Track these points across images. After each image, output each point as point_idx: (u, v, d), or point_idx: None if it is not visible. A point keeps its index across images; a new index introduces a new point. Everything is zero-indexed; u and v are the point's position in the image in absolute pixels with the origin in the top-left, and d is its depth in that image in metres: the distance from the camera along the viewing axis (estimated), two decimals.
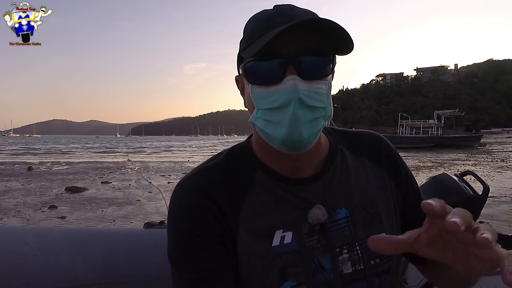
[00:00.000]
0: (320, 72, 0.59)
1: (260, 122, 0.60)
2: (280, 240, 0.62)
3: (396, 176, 0.73)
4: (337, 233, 0.64)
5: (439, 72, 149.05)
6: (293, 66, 0.57)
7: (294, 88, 0.55)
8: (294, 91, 0.55)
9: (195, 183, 0.65)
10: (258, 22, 0.61)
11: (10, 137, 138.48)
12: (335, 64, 0.61)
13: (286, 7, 0.60)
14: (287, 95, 0.56)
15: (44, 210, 6.35)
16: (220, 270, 0.61)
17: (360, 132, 0.78)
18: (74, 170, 13.23)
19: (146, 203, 6.95)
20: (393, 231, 0.69)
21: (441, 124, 38.31)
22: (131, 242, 1.17)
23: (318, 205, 0.64)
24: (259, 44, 0.56)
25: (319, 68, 0.59)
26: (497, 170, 12.19)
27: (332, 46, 0.59)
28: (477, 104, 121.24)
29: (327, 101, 0.59)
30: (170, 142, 71.92)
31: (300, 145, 0.59)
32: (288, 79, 0.56)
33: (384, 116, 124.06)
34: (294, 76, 0.56)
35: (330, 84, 0.61)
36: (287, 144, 0.58)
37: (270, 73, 0.58)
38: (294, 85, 0.55)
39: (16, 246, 1.06)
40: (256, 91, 0.60)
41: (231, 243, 0.63)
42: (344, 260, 0.63)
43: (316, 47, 0.58)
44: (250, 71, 0.60)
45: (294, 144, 0.58)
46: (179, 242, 0.63)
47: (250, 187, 0.65)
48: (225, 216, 0.63)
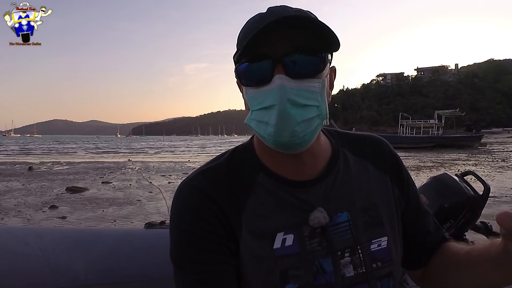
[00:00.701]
0: (310, 70, 0.58)
1: (254, 123, 0.60)
2: (282, 243, 0.62)
3: (399, 181, 0.73)
4: (338, 237, 0.64)
5: (439, 72, 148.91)
6: (281, 66, 0.57)
7: (282, 87, 0.55)
8: (281, 90, 0.55)
9: (198, 183, 0.65)
10: (251, 24, 0.61)
11: (11, 137, 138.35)
12: (327, 62, 0.61)
13: (277, 8, 0.60)
14: (275, 95, 0.56)
15: (45, 210, 6.35)
16: (222, 271, 0.61)
17: (363, 135, 0.78)
18: (74, 170, 13.23)
19: (146, 203, 6.95)
20: (395, 236, 0.69)
21: (441, 124, 38.24)
22: (132, 242, 1.17)
23: (320, 208, 0.63)
24: (244, 43, 0.56)
25: (308, 66, 0.58)
26: (497, 170, 12.17)
27: (322, 43, 0.58)
28: (477, 104, 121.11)
29: (321, 99, 0.59)
30: (172, 142, 71.88)
31: (295, 145, 0.58)
32: (276, 79, 0.56)
33: (384, 116, 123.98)
34: (281, 75, 0.56)
35: (324, 82, 0.60)
36: (280, 144, 0.58)
37: (260, 74, 0.58)
38: (281, 84, 0.55)
39: (17, 246, 1.06)
40: (249, 92, 0.61)
41: (233, 244, 0.63)
42: (346, 263, 0.63)
43: (304, 45, 0.58)
44: (242, 73, 0.61)
45: (288, 143, 0.58)
46: (181, 242, 0.63)
47: (252, 189, 0.65)
48: (227, 217, 0.63)
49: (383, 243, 0.66)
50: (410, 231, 0.73)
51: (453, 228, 1.18)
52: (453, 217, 1.17)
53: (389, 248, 0.66)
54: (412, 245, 0.73)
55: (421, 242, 0.74)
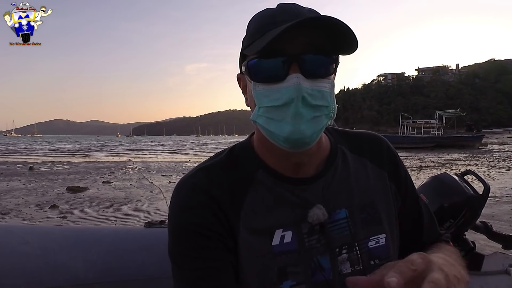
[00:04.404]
0: (324, 70, 0.59)
1: (262, 119, 0.60)
2: (280, 240, 0.62)
3: (397, 178, 0.73)
4: (336, 233, 0.64)
5: (440, 72, 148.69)
6: (296, 64, 0.56)
7: (298, 86, 0.55)
8: (298, 89, 0.55)
9: (197, 181, 0.65)
10: (262, 19, 0.61)
11: (12, 137, 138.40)
12: (338, 63, 0.61)
13: (290, 5, 0.60)
14: (291, 93, 0.55)
15: (46, 209, 6.36)
16: (221, 268, 0.61)
17: (361, 132, 0.78)
18: (75, 170, 13.25)
19: (147, 202, 6.96)
20: (393, 233, 0.69)
21: (442, 124, 38.22)
22: (132, 241, 1.17)
23: (318, 205, 0.63)
24: (263, 41, 0.55)
25: (322, 66, 0.58)
26: (498, 170, 12.16)
27: (336, 45, 0.58)
28: (478, 104, 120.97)
29: (330, 100, 0.59)
30: (175, 142, 71.84)
31: (303, 143, 0.58)
32: (292, 77, 0.56)
33: (385, 116, 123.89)
34: (298, 74, 0.56)
35: (333, 83, 0.61)
36: (290, 141, 0.58)
37: (274, 71, 0.58)
38: (298, 83, 0.55)
39: (17, 245, 1.06)
40: (258, 88, 0.60)
41: (231, 241, 0.63)
42: (344, 260, 0.63)
43: (320, 45, 0.58)
44: (253, 68, 0.60)
45: (297, 141, 0.58)
46: (179, 239, 0.63)
47: (251, 186, 0.65)
48: (226, 214, 0.63)
49: (381, 240, 0.66)
50: (405, 228, 0.73)
51: (453, 227, 1.18)
52: (453, 216, 1.17)
53: (387, 245, 0.67)
54: (406, 242, 0.73)
55: (415, 241, 0.74)
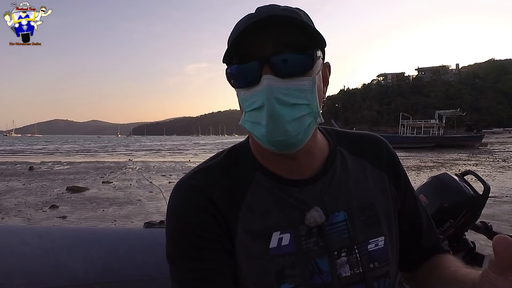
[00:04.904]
0: (299, 68, 0.58)
1: (248, 124, 0.60)
2: (278, 242, 0.62)
3: (396, 180, 0.73)
4: (335, 236, 0.63)
5: (440, 72, 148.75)
6: (268, 66, 0.56)
7: (269, 87, 0.55)
8: (269, 90, 0.55)
9: (194, 182, 0.65)
10: (238, 25, 0.60)
11: (12, 137, 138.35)
12: (317, 59, 0.60)
13: (265, 7, 0.59)
14: (263, 95, 0.56)
15: (45, 209, 6.35)
16: (218, 269, 0.60)
17: (360, 134, 0.77)
18: (75, 170, 13.24)
19: (147, 202, 6.95)
20: (392, 235, 0.68)
21: (442, 124, 38.17)
22: (131, 242, 1.17)
23: (316, 207, 0.63)
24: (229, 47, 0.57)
25: (296, 64, 0.57)
26: (498, 170, 12.15)
27: (310, 41, 0.58)
28: (478, 104, 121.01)
29: (311, 98, 0.58)
30: (174, 142, 71.84)
31: (289, 144, 0.58)
32: (263, 79, 0.56)
33: (385, 116, 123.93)
34: (268, 75, 0.56)
35: (315, 80, 0.59)
36: (273, 144, 0.58)
37: (249, 75, 0.58)
38: (268, 84, 0.55)
39: (16, 245, 1.06)
40: (241, 94, 0.61)
41: (229, 243, 0.62)
42: (343, 263, 0.63)
43: (290, 43, 0.57)
44: (232, 75, 0.61)
45: (282, 143, 0.58)
46: (177, 241, 0.62)
47: (249, 188, 0.65)
48: (224, 215, 0.63)
49: (380, 243, 0.66)
50: (404, 231, 0.72)
51: (453, 227, 1.18)
52: (453, 216, 1.17)
53: (386, 248, 0.66)
54: (405, 245, 0.73)
55: (414, 244, 0.74)
